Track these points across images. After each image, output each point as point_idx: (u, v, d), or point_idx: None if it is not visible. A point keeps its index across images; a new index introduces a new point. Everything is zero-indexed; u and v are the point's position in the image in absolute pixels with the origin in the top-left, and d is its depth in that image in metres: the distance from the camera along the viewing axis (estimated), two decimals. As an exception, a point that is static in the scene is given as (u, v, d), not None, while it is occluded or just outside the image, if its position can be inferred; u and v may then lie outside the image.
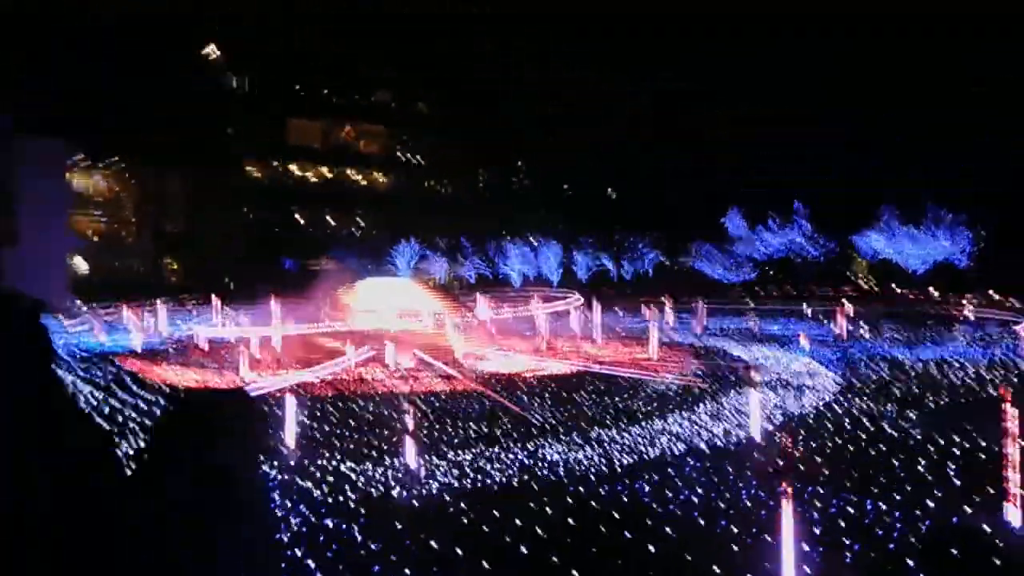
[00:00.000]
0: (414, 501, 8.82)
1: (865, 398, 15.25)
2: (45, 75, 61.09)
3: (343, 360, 20.19)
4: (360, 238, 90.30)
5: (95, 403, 15.66)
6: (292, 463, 10.58)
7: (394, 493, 9.12)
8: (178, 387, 17.77)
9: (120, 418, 14.04)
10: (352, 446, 11.69)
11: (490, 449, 11.22)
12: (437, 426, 13.05)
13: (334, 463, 10.55)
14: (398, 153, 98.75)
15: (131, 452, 11.23)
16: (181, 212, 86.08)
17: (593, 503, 8.51)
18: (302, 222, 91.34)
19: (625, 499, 8.65)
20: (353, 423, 13.48)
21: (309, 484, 9.43)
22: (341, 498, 8.88)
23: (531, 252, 78.28)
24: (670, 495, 8.73)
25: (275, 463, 10.43)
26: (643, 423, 13.03)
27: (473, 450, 11.19)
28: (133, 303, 34.37)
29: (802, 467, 9.43)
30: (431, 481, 9.55)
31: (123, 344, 26.35)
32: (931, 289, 40.91)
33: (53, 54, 67.98)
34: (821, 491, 8.74)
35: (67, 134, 55.36)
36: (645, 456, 10.80)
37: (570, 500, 8.58)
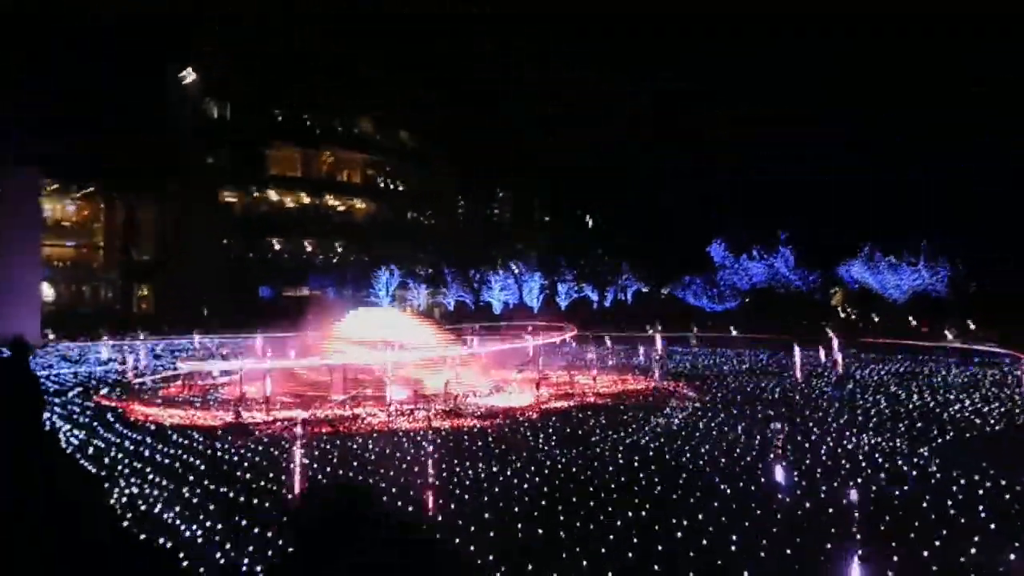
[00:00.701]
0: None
1: (871, 433, 14.79)
2: (18, 98, 60.14)
3: (338, 397, 19.48)
4: (338, 265, 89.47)
5: (77, 443, 14.79)
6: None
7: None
8: (164, 425, 16.91)
9: (107, 459, 13.20)
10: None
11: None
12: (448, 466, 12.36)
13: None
14: (379, 181, 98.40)
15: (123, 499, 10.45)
16: (153, 239, 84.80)
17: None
18: (279, 249, 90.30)
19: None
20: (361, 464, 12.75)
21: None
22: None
23: (512, 280, 77.94)
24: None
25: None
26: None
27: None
28: (111, 334, 33.37)
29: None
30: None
31: (102, 378, 25.38)
32: (910, 319, 41.01)
33: (28, 76, 67.06)
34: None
35: (39, 160, 54.40)
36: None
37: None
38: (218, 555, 8.09)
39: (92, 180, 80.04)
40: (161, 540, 8.58)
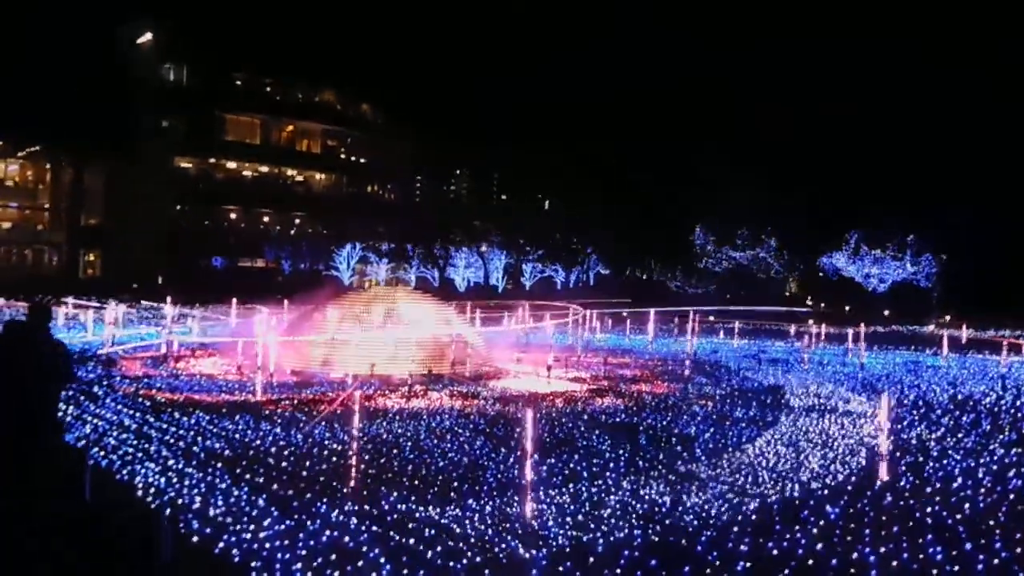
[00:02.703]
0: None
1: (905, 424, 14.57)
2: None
3: (347, 379, 18.64)
4: (295, 237, 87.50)
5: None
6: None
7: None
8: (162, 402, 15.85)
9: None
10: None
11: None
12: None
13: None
14: (339, 153, 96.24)
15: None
16: (103, 203, 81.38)
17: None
18: (235, 218, 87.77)
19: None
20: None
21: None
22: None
23: (478, 258, 77.23)
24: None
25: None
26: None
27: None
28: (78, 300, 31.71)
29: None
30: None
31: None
32: (885, 312, 41.50)
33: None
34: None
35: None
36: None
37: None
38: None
39: (38, 140, 76.44)
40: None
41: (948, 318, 36.24)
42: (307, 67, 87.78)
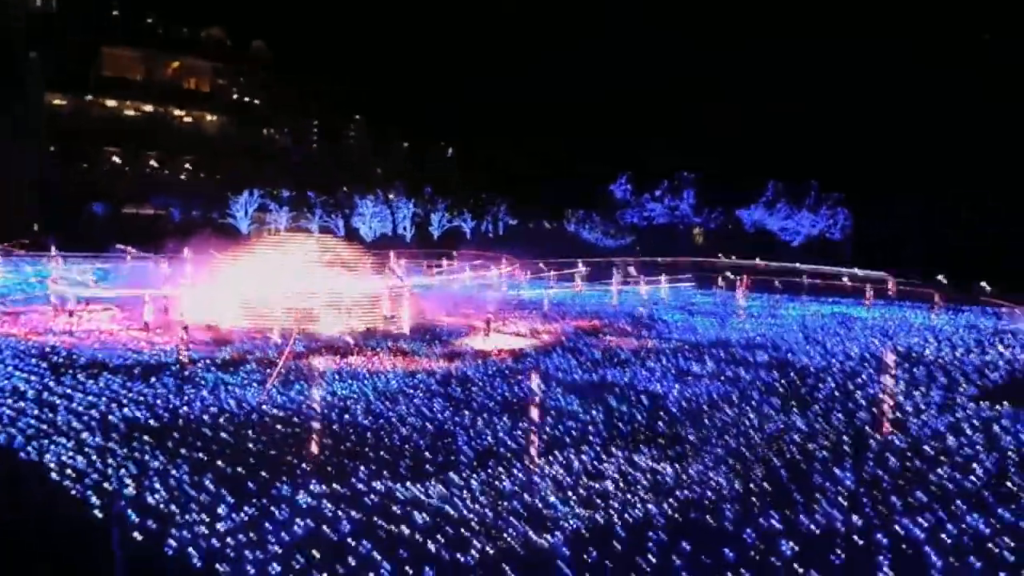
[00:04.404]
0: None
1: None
2: None
3: (272, 336, 17.06)
4: (186, 183, 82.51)
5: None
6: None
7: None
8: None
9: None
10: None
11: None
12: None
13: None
14: (231, 93, 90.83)
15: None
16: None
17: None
18: (118, 162, 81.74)
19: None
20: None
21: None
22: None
23: (383, 208, 74.90)
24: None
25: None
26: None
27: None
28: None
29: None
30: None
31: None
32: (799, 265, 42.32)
33: None
34: None
35: None
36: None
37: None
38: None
39: None
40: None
41: (858, 271, 37.08)
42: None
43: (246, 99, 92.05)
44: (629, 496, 7.55)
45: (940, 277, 31.84)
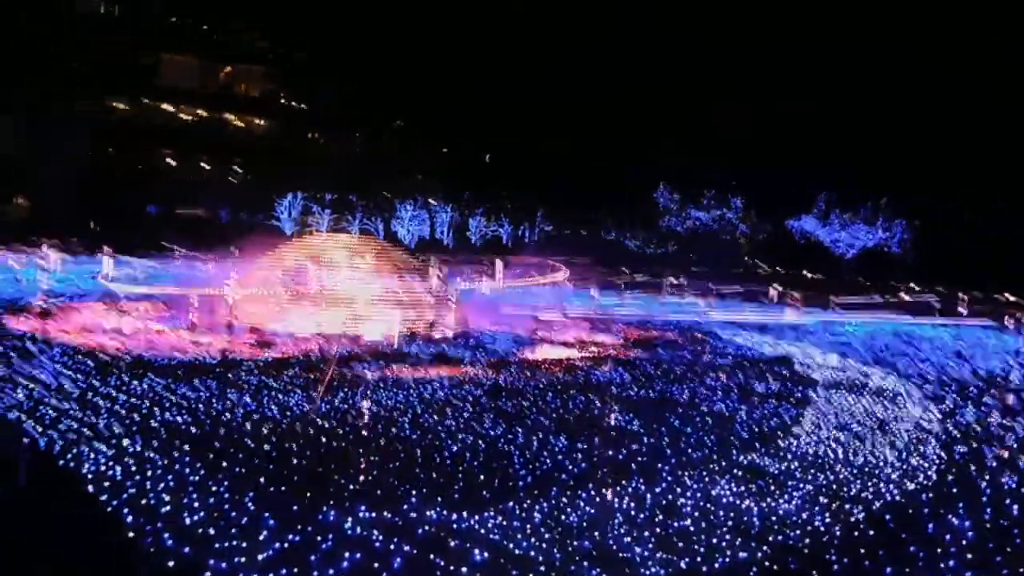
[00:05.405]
0: None
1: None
2: None
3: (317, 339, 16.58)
4: (235, 185, 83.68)
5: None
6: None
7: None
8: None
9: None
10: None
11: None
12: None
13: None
14: (279, 98, 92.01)
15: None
16: (33, 146, 75.65)
17: None
18: (172, 164, 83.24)
19: None
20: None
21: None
22: None
23: (425, 213, 74.90)
24: None
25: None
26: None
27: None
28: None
29: None
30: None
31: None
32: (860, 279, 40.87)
33: None
34: None
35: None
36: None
37: None
38: None
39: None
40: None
41: (914, 286, 35.59)
42: (247, 8, 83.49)
43: (293, 104, 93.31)
44: (714, 539, 6.74)
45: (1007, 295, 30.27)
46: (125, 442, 8.72)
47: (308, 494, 7.36)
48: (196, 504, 6.92)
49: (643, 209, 56.14)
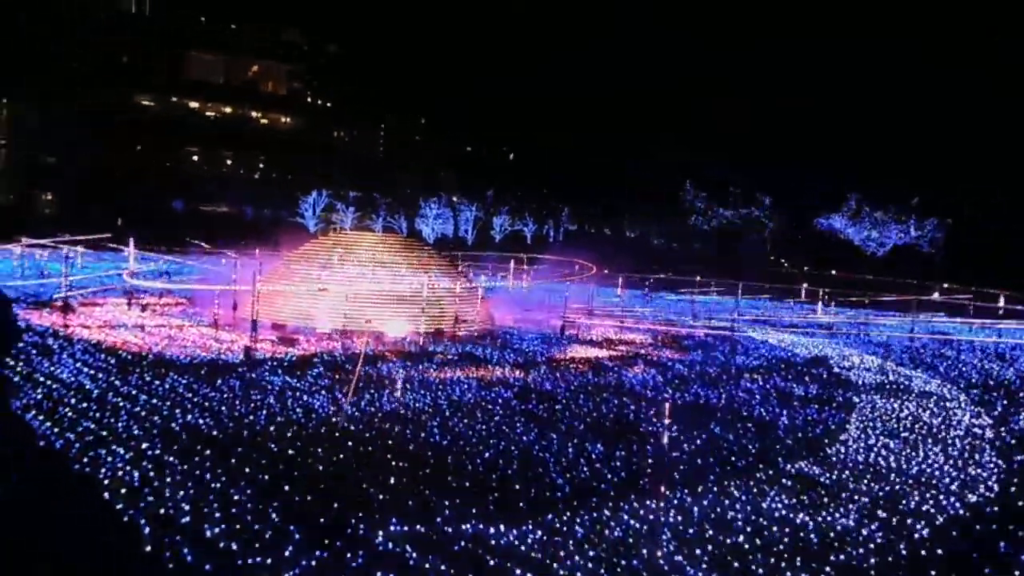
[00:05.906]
0: None
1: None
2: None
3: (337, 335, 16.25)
4: (259, 182, 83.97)
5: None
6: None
7: None
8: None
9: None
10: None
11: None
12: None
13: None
14: (304, 95, 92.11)
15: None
16: (61, 141, 76.41)
17: None
18: (197, 160, 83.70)
19: None
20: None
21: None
22: None
23: (446, 209, 74.73)
24: None
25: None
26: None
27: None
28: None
29: None
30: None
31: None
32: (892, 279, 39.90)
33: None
34: None
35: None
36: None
37: None
38: None
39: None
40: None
41: (946, 285, 34.69)
42: (274, 6, 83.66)
43: (319, 101, 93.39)
44: (771, 558, 6.26)
45: None
46: (144, 446, 8.38)
47: (335, 505, 6.96)
48: (217, 514, 6.55)
49: (669, 207, 55.52)
